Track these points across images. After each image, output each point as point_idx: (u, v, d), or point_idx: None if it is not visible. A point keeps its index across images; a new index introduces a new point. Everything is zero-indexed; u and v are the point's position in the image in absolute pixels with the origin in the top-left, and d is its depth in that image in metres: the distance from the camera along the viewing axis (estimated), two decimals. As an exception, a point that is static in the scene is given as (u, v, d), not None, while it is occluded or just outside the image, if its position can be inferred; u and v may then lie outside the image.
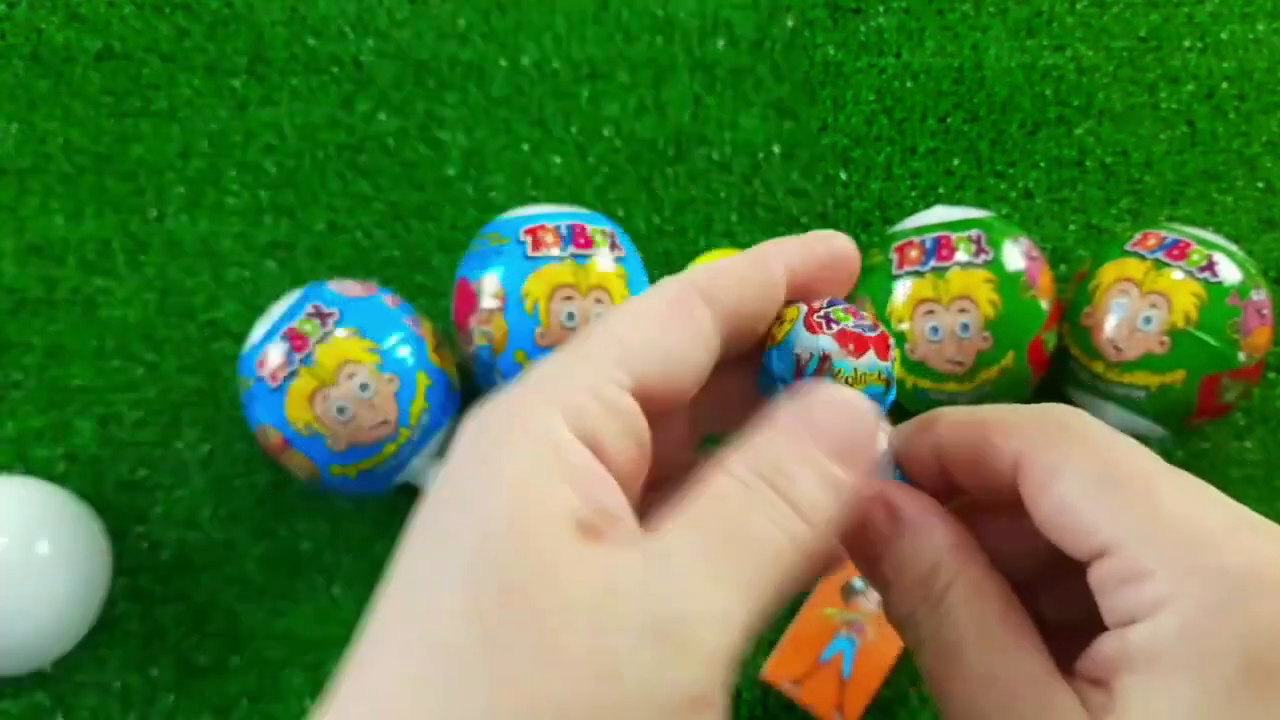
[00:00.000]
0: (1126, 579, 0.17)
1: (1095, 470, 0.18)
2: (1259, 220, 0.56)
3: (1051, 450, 0.19)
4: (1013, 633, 0.19)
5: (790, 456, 0.18)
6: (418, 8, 0.60)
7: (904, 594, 0.20)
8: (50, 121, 0.57)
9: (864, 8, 0.60)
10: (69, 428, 0.51)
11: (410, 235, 0.55)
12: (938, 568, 0.20)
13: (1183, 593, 0.17)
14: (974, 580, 0.19)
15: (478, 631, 0.16)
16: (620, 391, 0.18)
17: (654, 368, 0.19)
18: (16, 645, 0.45)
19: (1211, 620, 0.16)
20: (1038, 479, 0.19)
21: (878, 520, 0.21)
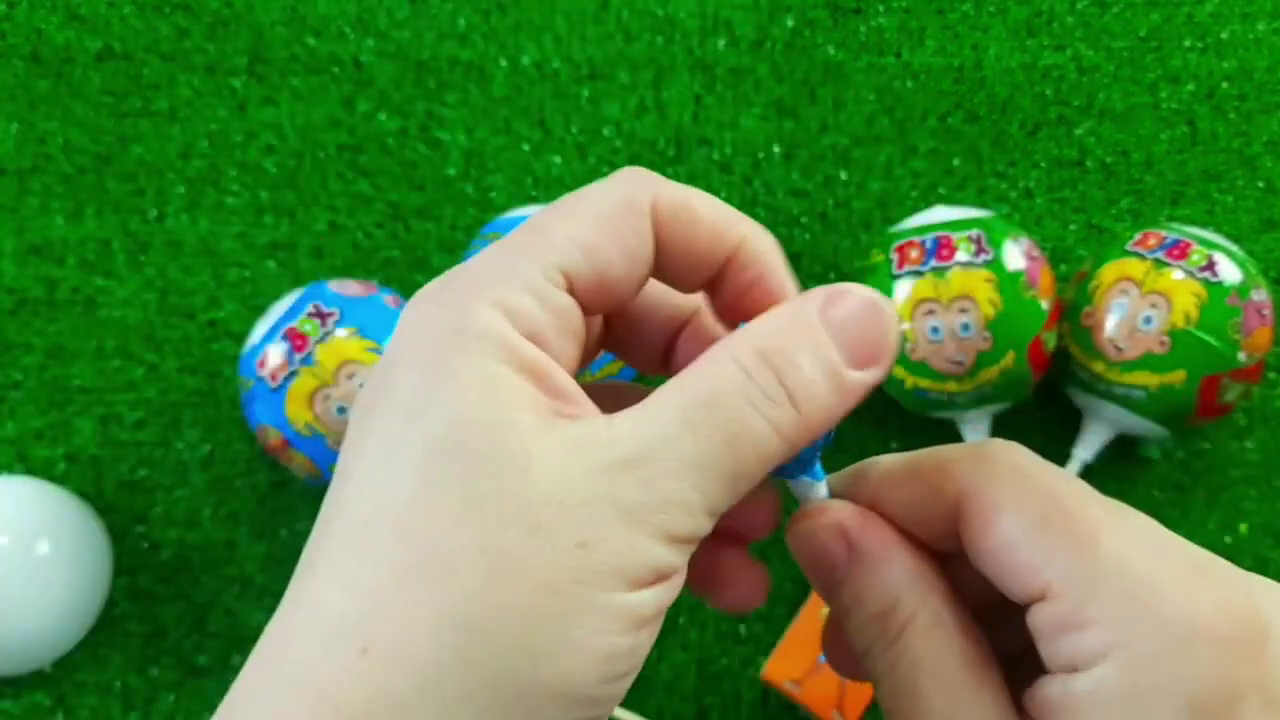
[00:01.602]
0: (1067, 625, 0.17)
1: (1037, 510, 0.18)
2: (1259, 220, 0.56)
3: (993, 489, 0.19)
4: (973, 674, 0.18)
5: (801, 344, 0.18)
6: (418, 8, 0.60)
7: (862, 627, 0.20)
8: (50, 121, 0.57)
9: (864, 8, 0.60)
10: (69, 428, 0.51)
11: (410, 235, 0.55)
12: (896, 603, 0.19)
13: (1123, 643, 0.16)
14: (933, 617, 0.19)
15: (460, 515, 0.16)
16: (554, 289, 0.18)
17: (588, 272, 0.19)
18: (17, 645, 0.45)
19: (1151, 673, 0.16)
20: (979, 518, 0.19)
21: (834, 551, 0.20)
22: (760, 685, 0.48)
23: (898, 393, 0.48)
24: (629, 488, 0.17)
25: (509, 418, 0.17)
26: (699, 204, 0.20)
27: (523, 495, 0.16)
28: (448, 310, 0.18)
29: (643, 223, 0.19)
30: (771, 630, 0.49)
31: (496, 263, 0.19)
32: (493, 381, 0.17)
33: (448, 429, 0.17)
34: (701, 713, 0.48)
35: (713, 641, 0.49)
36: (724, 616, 0.49)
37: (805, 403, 0.18)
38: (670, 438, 0.17)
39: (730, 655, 0.49)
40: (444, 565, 0.16)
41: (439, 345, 0.18)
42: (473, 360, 0.17)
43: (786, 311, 0.18)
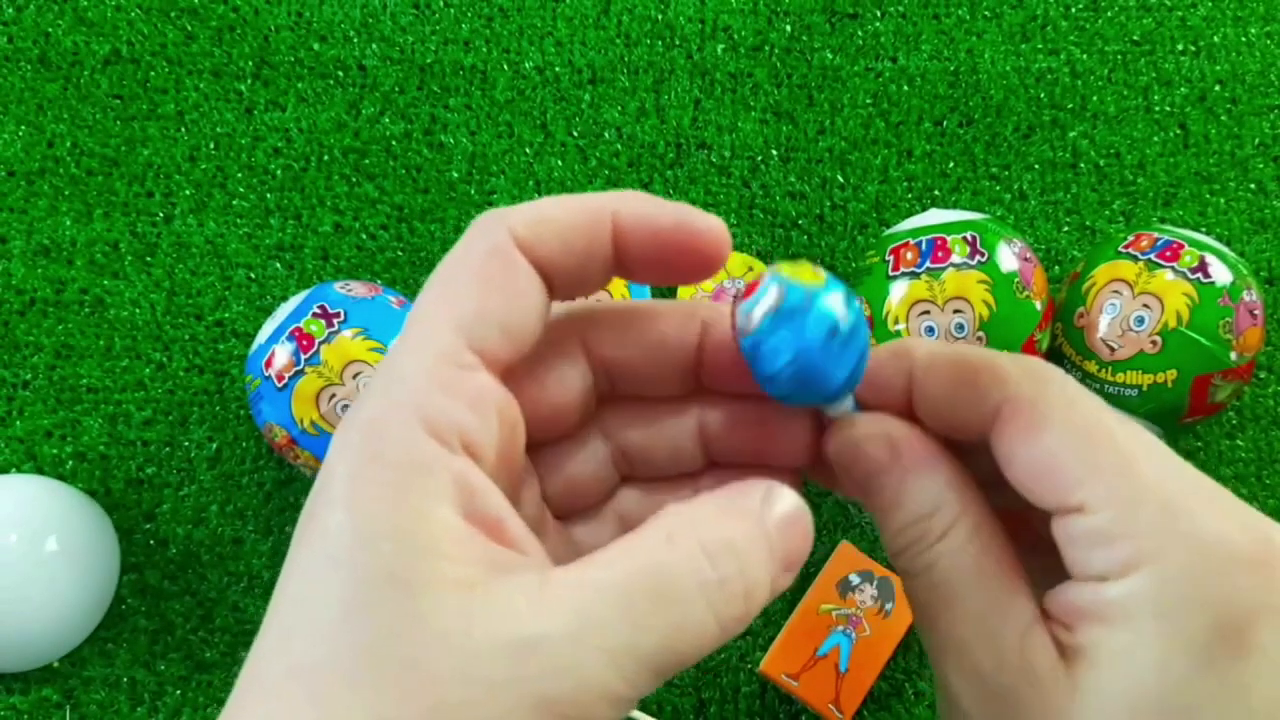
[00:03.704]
0: (1102, 538, 0.18)
1: (1081, 427, 0.18)
2: (1250, 222, 0.57)
3: (1039, 401, 0.19)
4: (1006, 577, 0.19)
5: (754, 543, 0.18)
6: (421, 13, 0.60)
7: (902, 530, 0.20)
8: (58, 124, 0.57)
9: (861, 13, 0.61)
10: (78, 426, 0.52)
11: (415, 237, 0.56)
12: (940, 509, 0.20)
13: (1158, 557, 0.17)
14: (973, 524, 0.19)
15: (367, 685, 0.15)
16: (466, 371, 0.18)
17: (492, 334, 0.18)
18: (25, 641, 0.46)
19: (1185, 586, 0.17)
20: (1022, 426, 0.19)
21: (878, 457, 0.20)
22: (758, 679, 0.49)
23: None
24: (550, 676, 0.16)
25: (428, 574, 0.16)
26: (550, 210, 0.19)
27: (428, 670, 0.15)
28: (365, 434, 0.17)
29: (514, 259, 0.18)
30: (769, 625, 0.49)
31: (402, 366, 0.18)
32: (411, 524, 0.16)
33: (363, 587, 0.16)
34: (700, 706, 0.48)
35: (712, 636, 0.49)
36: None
37: (755, 603, 0.17)
38: (601, 626, 0.16)
39: (728, 649, 0.49)
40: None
41: (359, 481, 0.17)
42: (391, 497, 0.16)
43: (733, 504, 0.18)
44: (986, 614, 0.19)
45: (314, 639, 0.16)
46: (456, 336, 0.18)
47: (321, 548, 0.17)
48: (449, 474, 0.17)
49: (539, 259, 0.19)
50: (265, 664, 0.17)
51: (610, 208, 0.19)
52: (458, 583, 0.16)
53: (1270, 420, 0.53)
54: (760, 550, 0.18)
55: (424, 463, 0.17)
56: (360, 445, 0.17)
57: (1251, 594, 0.17)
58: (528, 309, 0.19)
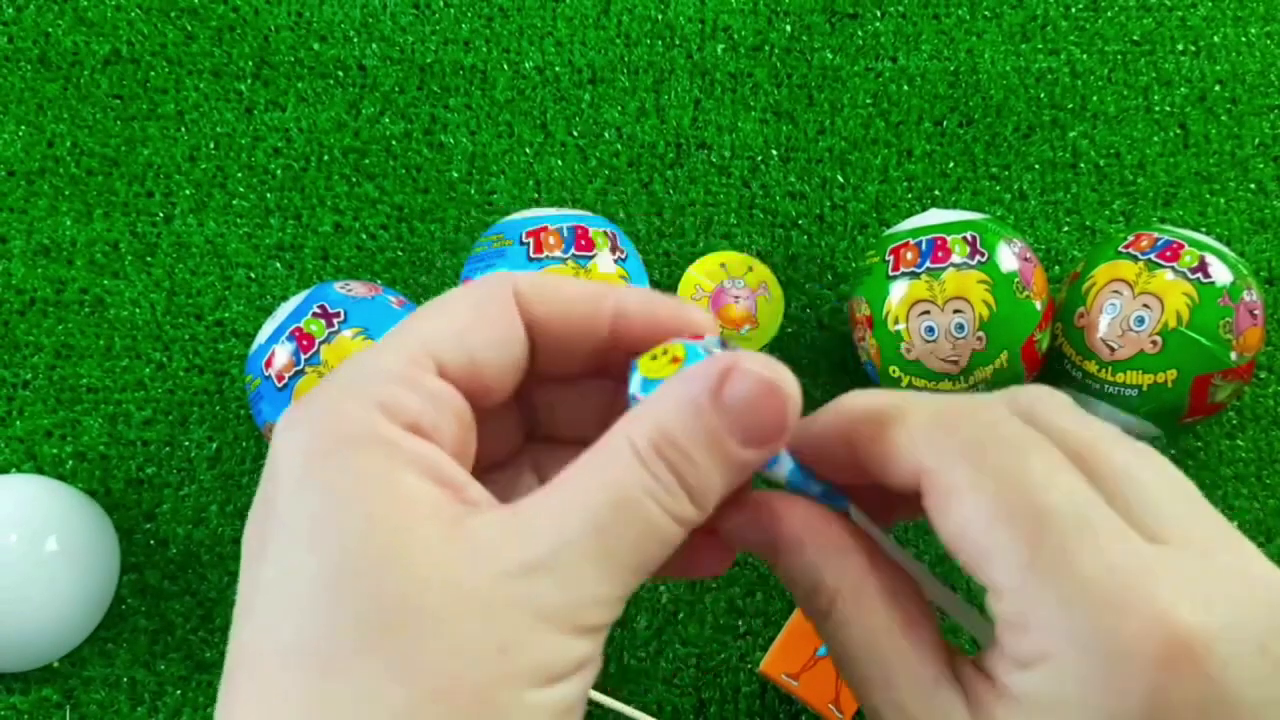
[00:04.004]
0: (1009, 625, 0.17)
1: (992, 498, 0.17)
2: (1250, 222, 0.57)
3: (953, 471, 0.18)
4: (900, 634, 0.19)
5: (694, 434, 0.18)
6: (421, 13, 0.60)
7: (801, 604, 0.20)
8: (59, 124, 0.57)
9: (861, 13, 0.61)
10: (78, 426, 0.52)
11: (415, 237, 0.56)
12: (818, 583, 0.20)
13: (1054, 656, 0.17)
14: (853, 591, 0.19)
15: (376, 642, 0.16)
16: (425, 374, 0.18)
17: (458, 359, 0.19)
18: (25, 641, 0.46)
19: (1076, 689, 0.16)
20: (936, 501, 0.18)
21: (756, 544, 0.21)
22: (758, 679, 0.49)
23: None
24: (545, 590, 0.17)
25: (408, 528, 0.17)
26: (561, 281, 0.20)
27: (433, 610, 0.16)
28: (322, 419, 0.18)
29: (507, 307, 0.20)
30: (769, 625, 0.49)
31: (362, 365, 0.19)
32: (382, 489, 0.17)
33: (346, 555, 0.16)
34: (700, 706, 0.48)
35: (711, 636, 0.49)
36: (723, 611, 0.50)
37: (701, 496, 0.18)
38: (581, 538, 0.17)
39: (729, 649, 0.49)
40: (368, 695, 0.16)
41: (322, 458, 0.17)
42: (358, 468, 0.17)
43: (681, 389, 0.18)
44: (889, 680, 0.19)
45: (305, 616, 0.16)
46: (423, 346, 0.19)
47: (294, 527, 0.17)
48: (408, 446, 0.18)
49: (534, 318, 0.20)
50: (254, 649, 0.17)
51: (614, 297, 0.20)
52: (438, 533, 0.17)
53: (1270, 420, 0.53)
54: (699, 445, 0.18)
55: (386, 438, 0.17)
56: (318, 427, 0.18)
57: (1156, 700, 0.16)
58: (502, 353, 0.20)
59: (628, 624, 0.49)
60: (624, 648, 0.49)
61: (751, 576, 0.50)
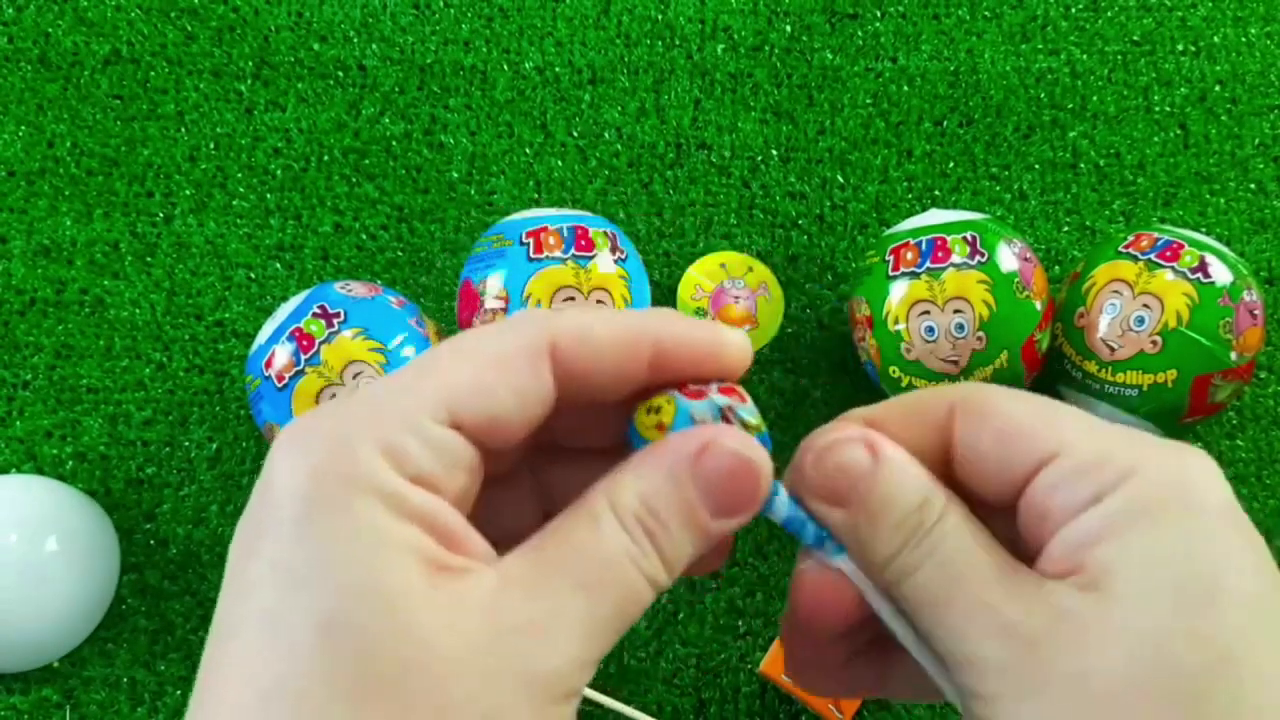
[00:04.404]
0: (1086, 468, 0.19)
1: (1027, 399, 0.20)
2: (1250, 222, 0.57)
3: (982, 390, 0.20)
4: (1006, 559, 0.19)
5: (670, 503, 0.19)
6: (421, 13, 0.60)
7: (896, 526, 0.20)
8: (59, 124, 0.57)
9: (861, 13, 0.61)
10: (78, 426, 0.52)
11: (415, 238, 0.56)
12: (928, 501, 0.20)
13: (1143, 462, 0.18)
14: (963, 511, 0.20)
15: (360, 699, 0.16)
16: (437, 426, 0.18)
17: (477, 414, 0.18)
18: (26, 641, 0.46)
19: (1175, 479, 0.18)
20: (978, 412, 0.20)
21: (858, 461, 0.20)
22: (758, 679, 0.49)
23: (894, 390, 0.49)
24: (530, 656, 0.17)
25: (404, 586, 0.16)
26: (600, 329, 0.19)
27: (423, 673, 0.16)
28: (327, 454, 0.17)
29: (539, 363, 0.19)
30: (769, 625, 0.49)
31: (376, 402, 0.18)
32: (381, 543, 0.17)
33: (342, 605, 0.16)
34: (700, 706, 0.48)
35: (711, 636, 0.49)
36: (723, 611, 0.50)
37: (673, 563, 0.19)
38: (568, 605, 0.18)
39: (729, 649, 0.49)
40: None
41: (322, 500, 0.17)
42: (357, 513, 0.17)
43: (660, 460, 0.19)
44: (1003, 573, 0.19)
45: (295, 660, 0.16)
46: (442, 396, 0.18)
47: (289, 564, 0.17)
48: (411, 500, 0.17)
49: (569, 371, 0.20)
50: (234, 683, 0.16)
51: (652, 332, 0.20)
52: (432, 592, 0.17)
53: (1270, 420, 0.53)
54: (676, 514, 0.19)
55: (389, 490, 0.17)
56: (323, 463, 0.17)
57: (1223, 486, 0.18)
58: (526, 410, 0.19)
59: (628, 624, 0.49)
60: (624, 648, 0.49)
61: (751, 576, 0.50)
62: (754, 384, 0.54)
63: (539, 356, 0.19)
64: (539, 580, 0.18)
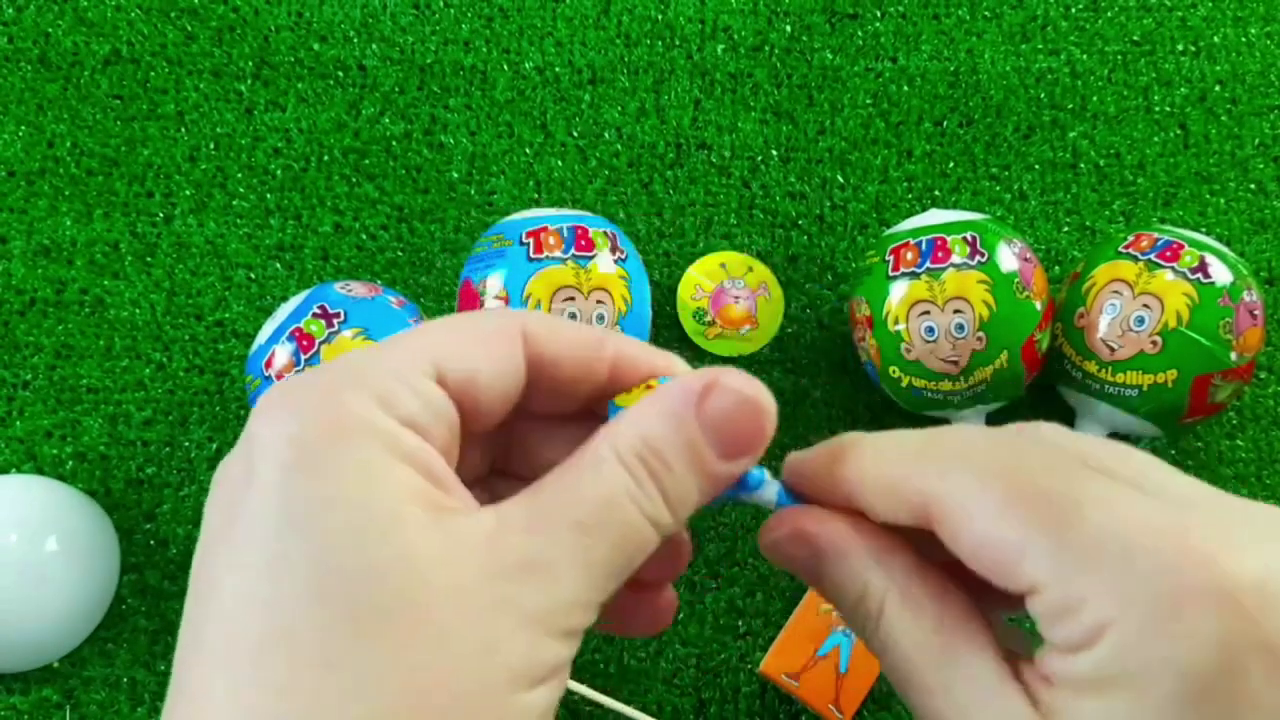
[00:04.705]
0: (1060, 612, 0.17)
1: (1002, 499, 0.18)
2: (1250, 222, 0.57)
3: (956, 488, 0.18)
4: (953, 635, 0.19)
5: (674, 444, 0.19)
6: (421, 13, 0.60)
7: (850, 616, 0.20)
8: (59, 125, 0.57)
9: (861, 13, 0.61)
10: (78, 426, 0.52)
11: (415, 238, 0.56)
12: (865, 590, 0.20)
13: (1114, 620, 0.16)
14: (901, 594, 0.19)
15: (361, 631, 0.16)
16: (425, 379, 0.18)
17: (459, 373, 0.19)
18: (26, 641, 0.46)
19: (1144, 648, 0.16)
20: (949, 525, 0.18)
21: (799, 557, 0.21)
22: (758, 679, 0.49)
23: (894, 390, 0.49)
24: (530, 591, 0.17)
25: (402, 524, 0.16)
26: (567, 327, 0.21)
27: (424, 604, 0.16)
28: (317, 406, 0.17)
29: (514, 341, 0.20)
30: (769, 625, 0.49)
31: (362, 360, 0.18)
32: (376, 475, 0.17)
33: (336, 536, 0.16)
34: (700, 706, 0.48)
35: (711, 636, 0.49)
36: (723, 611, 0.50)
37: (679, 504, 0.19)
38: (566, 542, 0.17)
39: (729, 649, 0.49)
40: (351, 689, 0.15)
41: (316, 445, 0.17)
42: (353, 451, 0.17)
43: (664, 402, 0.19)
44: (949, 686, 0.18)
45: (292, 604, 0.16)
46: (426, 352, 0.19)
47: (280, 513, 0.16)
48: (405, 441, 0.18)
49: (541, 355, 0.20)
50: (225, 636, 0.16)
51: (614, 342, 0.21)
52: (424, 523, 0.17)
53: (1270, 420, 0.53)
54: (679, 455, 0.19)
55: (384, 430, 0.17)
56: (312, 413, 0.17)
57: (1224, 642, 0.15)
58: (502, 380, 0.20)
59: (628, 624, 0.49)
60: (624, 648, 0.49)
61: (751, 577, 0.50)
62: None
63: (513, 336, 0.20)
64: (537, 520, 0.18)
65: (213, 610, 0.17)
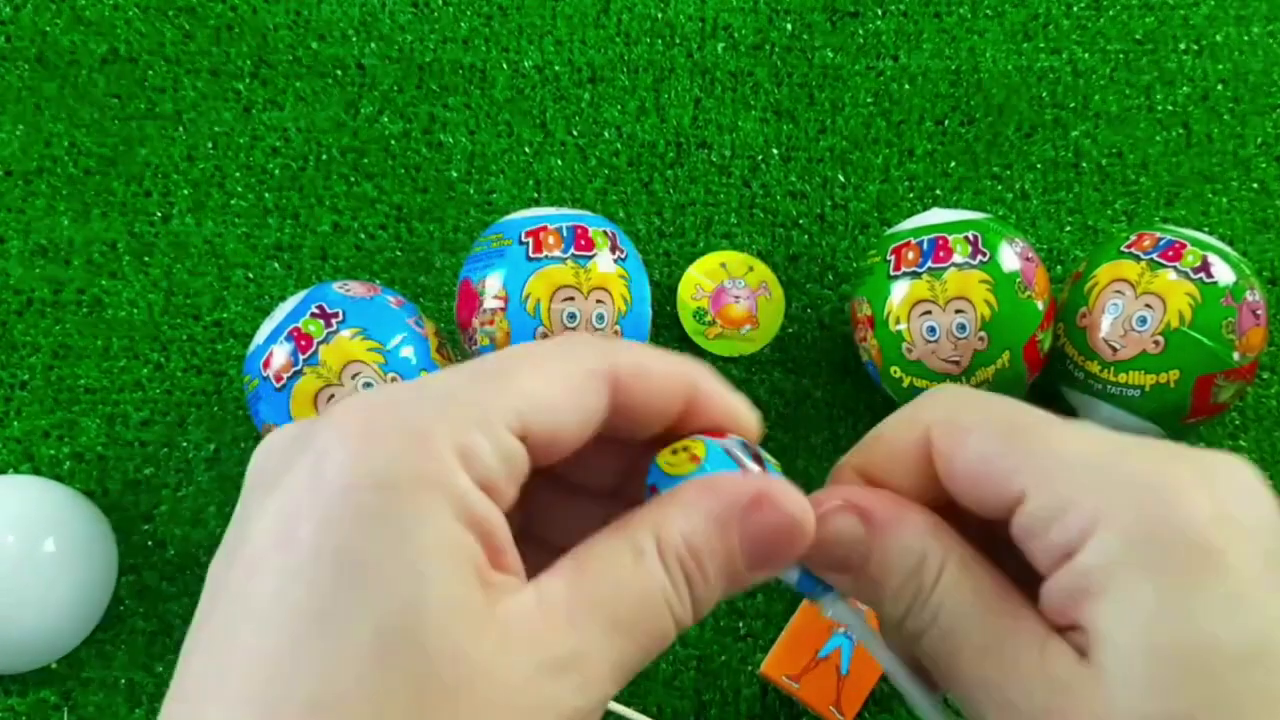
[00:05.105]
0: (1053, 515, 0.18)
1: (997, 425, 0.20)
2: (1253, 221, 0.57)
3: (955, 416, 0.20)
4: (1008, 602, 0.19)
5: (715, 553, 0.18)
6: (420, 12, 0.60)
7: (899, 591, 0.20)
8: (56, 124, 0.57)
9: (862, 11, 0.61)
10: (75, 427, 0.52)
11: (414, 237, 0.56)
12: (925, 557, 0.20)
13: (1112, 508, 0.17)
14: (961, 560, 0.20)
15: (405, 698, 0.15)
16: (509, 432, 0.18)
17: (544, 428, 0.18)
18: (23, 642, 0.46)
19: (1142, 524, 0.17)
20: (948, 442, 0.20)
21: (850, 530, 0.21)
22: (759, 681, 0.48)
23: (895, 390, 0.49)
24: (568, 693, 0.17)
25: (460, 600, 0.16)
26: (655, 366, 0.20)
27: (473, 696, 0.16)
28: (404, 441, 0.17)
29: (602, 387, 0.19)
30: (770, 626, 0.49)
31: (453, 398, 0.18)
32: (444, 547, 0.16)
33: (399, 609, 0.16)
34: (700, 708, 0.48)
35: (712, 638, 0.49)
36: (724, 612, 0.50)
37: (703, 606, 0.19)
38: (603, 642, 0.17)
39: (729, 651, 0.49)
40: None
41: (394, 483, 0.16)
42: (426, 515, 0.16)
43: (712, 504, 0.19)
44: (1001, 644, 0.19)
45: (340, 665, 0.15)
46: (519, 403, 0.18)
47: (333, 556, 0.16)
48: (477, 508, 0.17)
49: (624, 402, 0.20)
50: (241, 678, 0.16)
51: (693, 379, 0.21)
52: (481, 611, 0.16)
53: (1273, 421, 0.53)
54: (718, 559, 0.19)
55: (460, 492, 0.17)
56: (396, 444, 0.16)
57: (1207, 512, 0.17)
58: (584, 430, 0.19)
59: (628, 625, 0.49)
60: (624, 649, 0.49)
61: (752, 578, 0.50)
62: (754, 384, 0.53)
63: (603, 382, 0.19)
64: (577, 610, 0.17)
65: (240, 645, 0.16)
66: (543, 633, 0.17)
